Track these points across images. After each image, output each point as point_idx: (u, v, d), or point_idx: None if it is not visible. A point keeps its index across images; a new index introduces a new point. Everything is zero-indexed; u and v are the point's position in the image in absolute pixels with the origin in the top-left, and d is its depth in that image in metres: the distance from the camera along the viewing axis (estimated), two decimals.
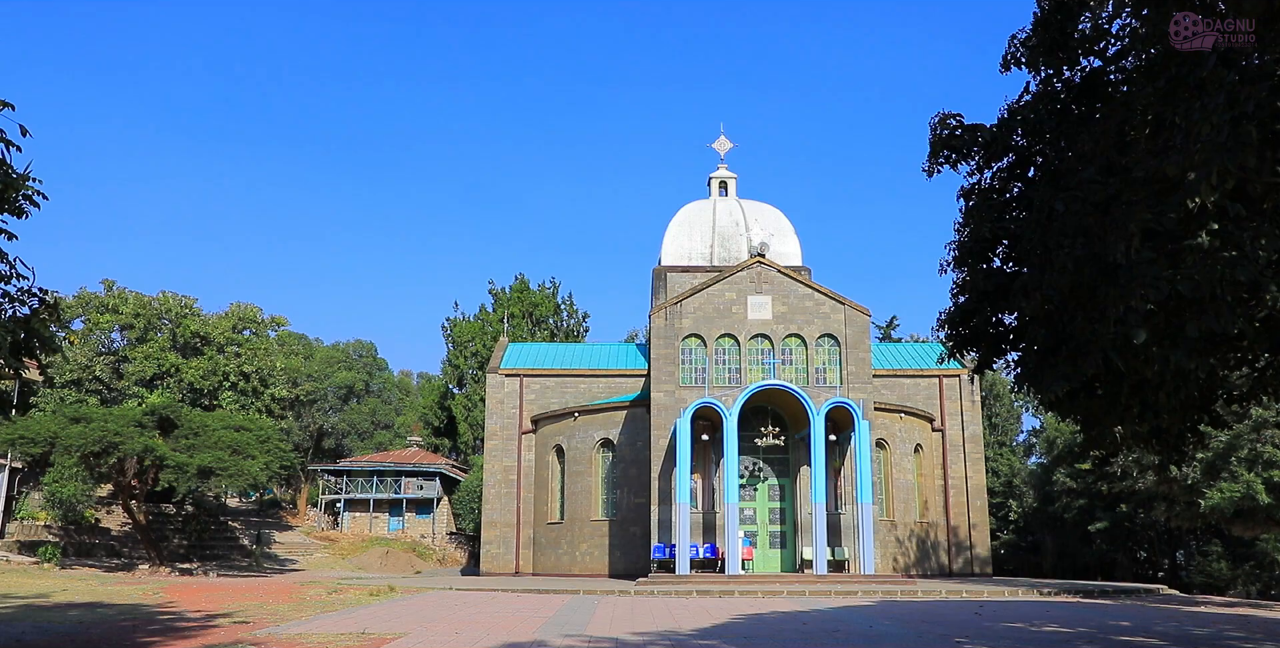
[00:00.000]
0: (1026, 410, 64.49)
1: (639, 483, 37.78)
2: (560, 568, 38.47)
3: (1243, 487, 22.57)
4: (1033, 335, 9.78)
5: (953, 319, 10.94)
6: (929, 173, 11.05)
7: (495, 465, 41.79)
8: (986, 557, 41.16)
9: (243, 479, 38.89)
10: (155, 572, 38.34)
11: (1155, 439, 12.51)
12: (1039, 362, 9.85)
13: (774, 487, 33.53)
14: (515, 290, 67.56)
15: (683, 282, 43.87)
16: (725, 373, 33.75)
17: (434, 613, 19.60)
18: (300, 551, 53.25)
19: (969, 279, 10.69)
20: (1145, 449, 12.40)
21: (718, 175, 48.56)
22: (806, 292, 34.28)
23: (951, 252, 11.04)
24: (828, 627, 17.63)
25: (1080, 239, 8.59)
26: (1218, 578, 40.42)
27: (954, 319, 10.92)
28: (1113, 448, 14.29)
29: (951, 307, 11.06)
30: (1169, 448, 12.50)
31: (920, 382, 42.89)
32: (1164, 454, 12.26)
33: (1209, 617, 21.22)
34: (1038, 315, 9.37)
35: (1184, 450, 12.55)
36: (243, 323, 57.61)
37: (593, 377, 43.09)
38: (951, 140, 10.64)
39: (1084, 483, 48.28)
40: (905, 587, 28.14)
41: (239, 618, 18.70)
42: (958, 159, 10.85)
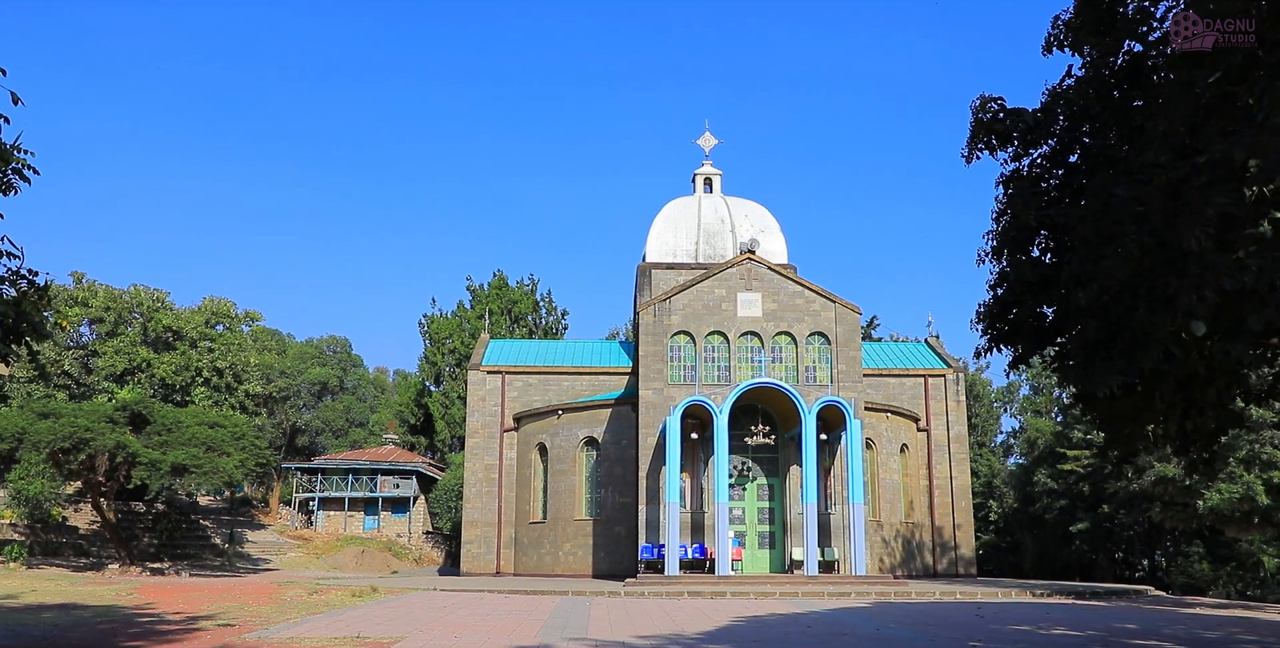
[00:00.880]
0: (1005, 412, 64.65)
1: (624, 482, 37.25)
2: (543, 568, 37.87)
3: (1242, 488, 22.41)
4: (1083, 328, 9.36)
5: (991, 312, 10.51)
6: (968, 159, 10.61)
7: (476, 464, 41.10)
8: (971, 557, 41.04)
9: (218, 477, 37.93)
10: (126, 572, 37.33)
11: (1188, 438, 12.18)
12: (1087, 355, 9.44)
13: (763, 486, 33.12)
14: (494, 287, 66.84)
15: (667, 279, 43.38)
16: (714, 371, 33.29)
17: (425, 615, 18.98)
18: (273, 550, 52.25)
19: (1010, 270, 10.24)
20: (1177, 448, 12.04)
21: (703, 172, 48.08)
22: (797, 289, 33.91)
23: (990, 242, 10.61)
24: (834, 630, 17.20)
25: (1146, 225, 8.17)
26: (1199, 579, 40.49)
27: (992, 312, 10.49)
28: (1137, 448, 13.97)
29: (990, 299, 10.62)
30: (1202, 447, 12.17)
31: (905, 381, 42.70)
32: (1197, 453, 11.91)
33: (1211, 619, 21.01)
34: (1091, 306, 8.95)
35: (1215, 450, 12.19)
36: (216, 317, 56.43)
37: (576, 374, 42.51)
38: (995, 125, 10.20)
39: (1065, 484, 48.31)
40: (897, 588, 27.82)
41: (223, 621, 17.99)
42: (998, 145, 10.41)
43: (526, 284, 68.21)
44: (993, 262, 10.67)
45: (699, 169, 48.25)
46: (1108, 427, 13.00)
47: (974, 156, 10.61)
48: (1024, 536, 54.34)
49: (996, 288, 10.52)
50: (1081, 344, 9.42)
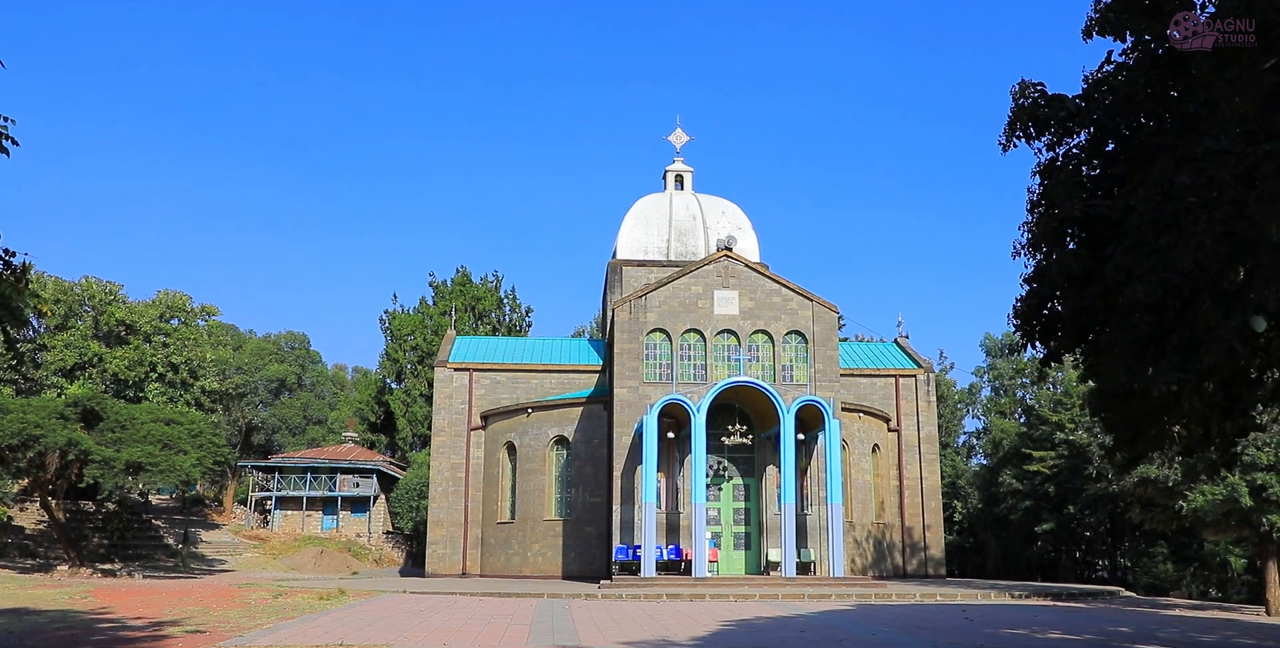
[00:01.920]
0: (968, 414, 64.94)
1: (595, 482, 36.63)
2: (510, 569, 37.11)
3: (1226, 489, 22.38)
4: (1133, 322, 8.95)
5: (1028, 307, 10.08)
6: (1005, 147, 10.18)
7: (443, 463, 40.22)
8: (940, 558, 40.97)
9: (174, 476, 36.71)
10: (75, 573, 35.98)
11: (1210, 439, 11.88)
12: (1137, 352, 9.03)
13: (739, 487, 32.67)
14: (457, 283, 65.79)
15: (639, 276, 42.85)
16: (691, 369, 32.77)
17: (404, 620, 18.23)
18: (229, 550, 50.87)
19: (1052, 263, 9.80)
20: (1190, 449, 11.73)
21: (674, 169, 47.62)
22: (774, 287, 33.51)
23: (1025, 234, 10.18)
24: (828, 635, 16.76)
25: (1216, 214, 7.77)
26: (1163, 579, 40.82)
27: (1029, 307, 10.06)
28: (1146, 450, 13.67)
29: (1025, 293, 10.19)
30: (1222, 447, 11.87)
31: (876, 381, 42.52)
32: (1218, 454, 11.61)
33: (1199, 622, 20.92)
34: (1149, 301, 8.54)
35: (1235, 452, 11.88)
36: (171, 311, 54.92)
37: (545, 372, 41.77)
38: (1036, 111, 9.77)
39: (1030, 485, 48.54)
40: (877, 590, 27.53)
41: (190, 626, 17.12)
42: (1037, 132, 9.99)
43: (491, 281, 67.26)
44: (1028, 255, 10.26)
45: (670, 165, 47.77)
46: (1122, 428, 12.68)
47: (1011, 144, 10.18)
48: (988, 536, 54.59)
49: (1034, 282, 10.11)
50: (1132, 340, 9.02)
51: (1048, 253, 9.88)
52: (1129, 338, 8.98)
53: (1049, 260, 9.80)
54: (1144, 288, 8.39)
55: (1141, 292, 8.37)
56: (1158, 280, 8.32)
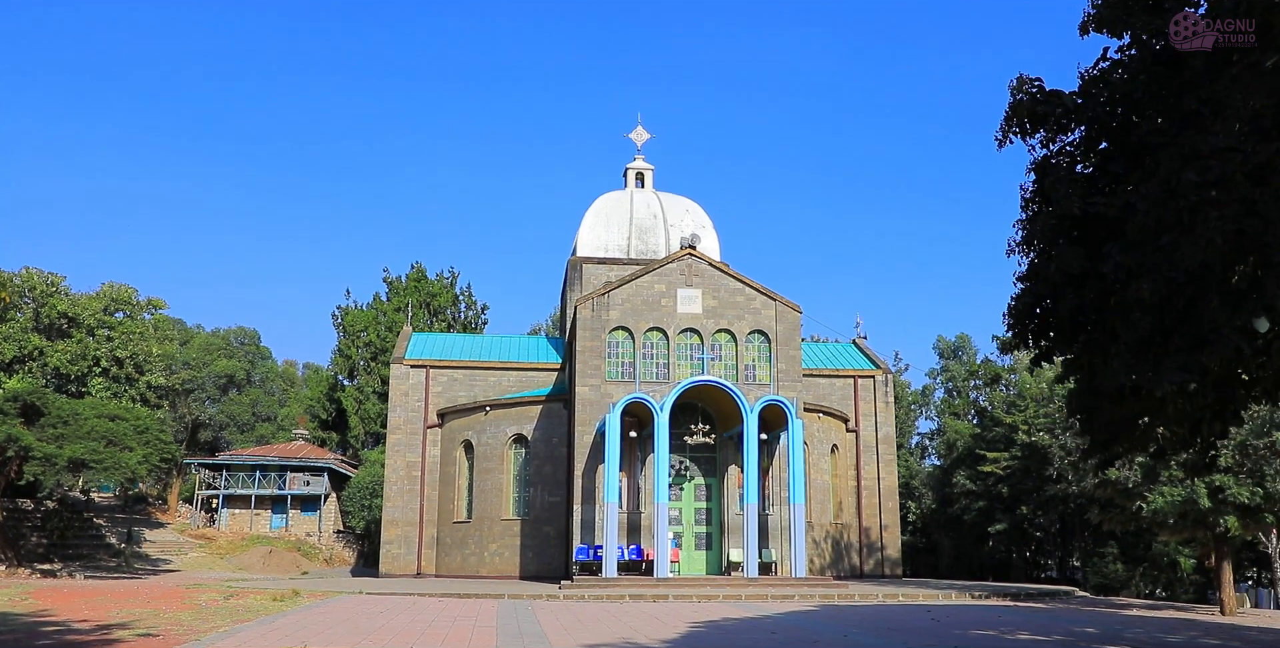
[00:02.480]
0: (922, 415, 65.47)
1: (554, 481, 36.22)
2: (467, 569, 36.54)
3: (1186, 491, 22.61)
4: (1134, 322, 8.82)
5: (1021, 306, 9.93)
6: (1000, 143, 10.03)
7: (398, 461, 39.52)
8: (897, 558, 41.16)
9: (119, 473, 35.66)
10: (13, 574, 34.76)
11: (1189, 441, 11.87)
12: (1137, 352, 8.91)
13: (700, 487, 32.45)
14: (412, 279, 64.88)
15: (599, 274, 42.48)
16: (653, 368, 32.48)
17: (365, 622, 17.72)
18: (174, 550, 49.65)
19: (1051, 261, 9.65)
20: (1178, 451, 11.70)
21: (635, 166, 47.30)
22: (738, 286, 33.35)
23: (1020, 232, 10.04)
24: (800, 637, 16.57)
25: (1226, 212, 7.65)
26: (1113, 579, 41.33)
27: (1023, 307, 9.91)
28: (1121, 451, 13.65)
29: (1020, 292, 10.04)
30: (1204, 449, 11.86)
31: (835, 382, 42.61)
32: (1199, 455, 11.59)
33: (1161, 622, 21.11)
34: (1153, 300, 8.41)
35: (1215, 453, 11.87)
36: (116, 304, 53.33)
37: (503, 370, 41.26)
38: (1035, 106, 9.62)
39: (984, 485, 48.97)
40: (840, 590, 27.48)
41: (140, 630, 16.44)
42: (1033, 128, 9.84)
43: (446, 277, 66.45)
44: (1021, 253, 10.12)
45: (631, 163, 47.44)
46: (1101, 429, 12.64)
47: (1007, 140, 10.04)
48: (941, 536, 55.01)
49: (1029, 280, 9.97)
50: (1134, 340, 8.90)
51: (1044, 251, 9.75)
52: (1130, 337, 8.87)
53: (1046, 258, 9.67)
54: (1149, 286, 8.27)
55: (1147, 290, 8.25)
56: (1163, 278, 8.21)
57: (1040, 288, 9.79)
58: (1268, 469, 22.85)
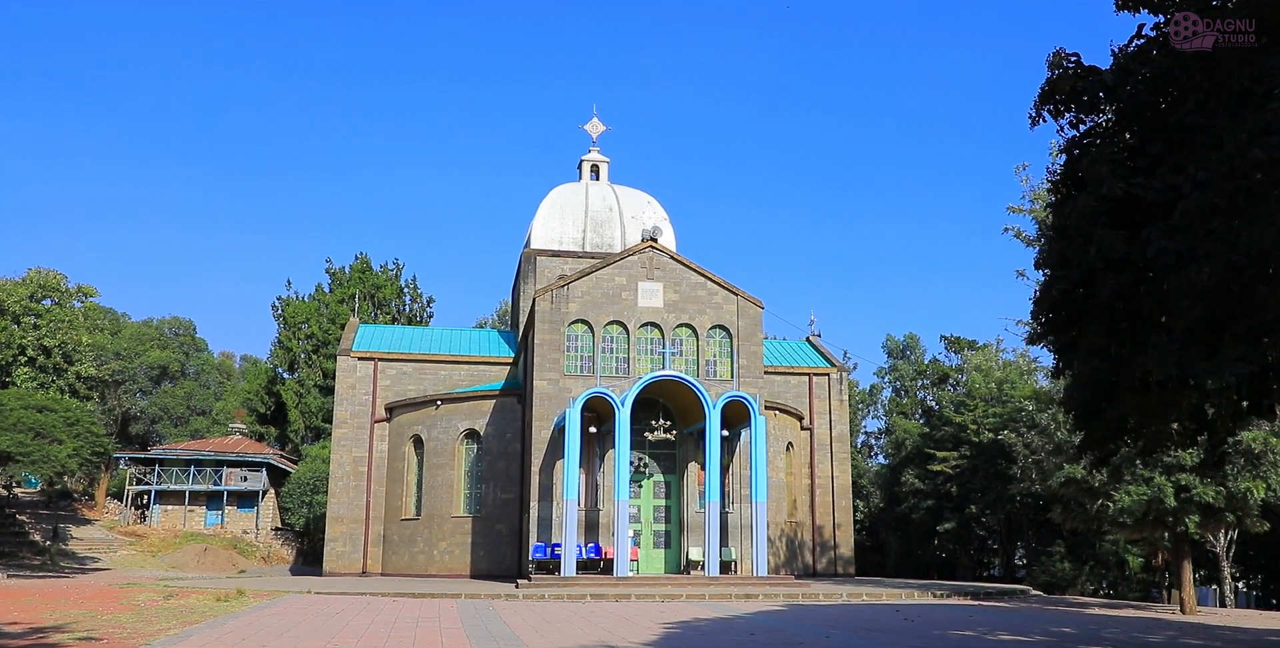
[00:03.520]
0: (869, 415, 65.68)
1: (507, 477, 35.36)
2: (415, 568, 35.48)
3: (1152, 490, 22.61)
4: (1185, 310, 8.39)
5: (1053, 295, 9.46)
6: (1034, 121, 9.57)
7: (344, 456, 38.28)
8: (850, 557, 41.04)
9: (48, 466, 34.02)
10: None
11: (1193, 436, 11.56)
12: (1184, 341, 8.49)
13: (659, 484, 31.84)
14: (356, 270, 63.31)
15: (553, 266, 41.72)
16: (613, 362, 31.77)
17: (324, 624, 16.76)
18: (103, 548, 47.68)
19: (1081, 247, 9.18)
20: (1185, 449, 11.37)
21: (590, 158, 46.61)
22: (699, 280, 32.80)
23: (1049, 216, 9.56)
24: (781, 638, 16.03)
25: None
26: (1060, 578, 41.65)
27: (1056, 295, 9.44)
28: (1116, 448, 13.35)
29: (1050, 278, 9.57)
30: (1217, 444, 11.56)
31: (790, 379, 42.36)
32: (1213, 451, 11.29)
33: (1129, 621, 21.04)
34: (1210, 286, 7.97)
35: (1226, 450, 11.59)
36: (44, 291, 51.13)
37: (454, 363, 40.26)
38: (1076, 82, 9.17)
39: (933, 484, 49.14)
40: (803, 590, 27.07)
41: (80, 633, 15.30)
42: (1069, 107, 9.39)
43: (391, 269, 64.98)
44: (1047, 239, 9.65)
45: (586, 155, 46.74)
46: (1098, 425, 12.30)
47: (1040, 119, 9.60)
48: (889, 535, 55.16)
49: (1062, 266, 9.50)
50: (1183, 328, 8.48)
51: (1081, 236, 9.29)
52: (1180, 325, 8.46)
53: (1084, 242, 9.21)
54: (1209, 270, 7.86)
55: (1206, 274, 7.84)
56: (1222, 263, 7.81)
57: (1076, 275, 9.34)
58: (1229, 469, 22.96)
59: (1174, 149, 8.99)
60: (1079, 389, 12.58)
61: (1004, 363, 52.50)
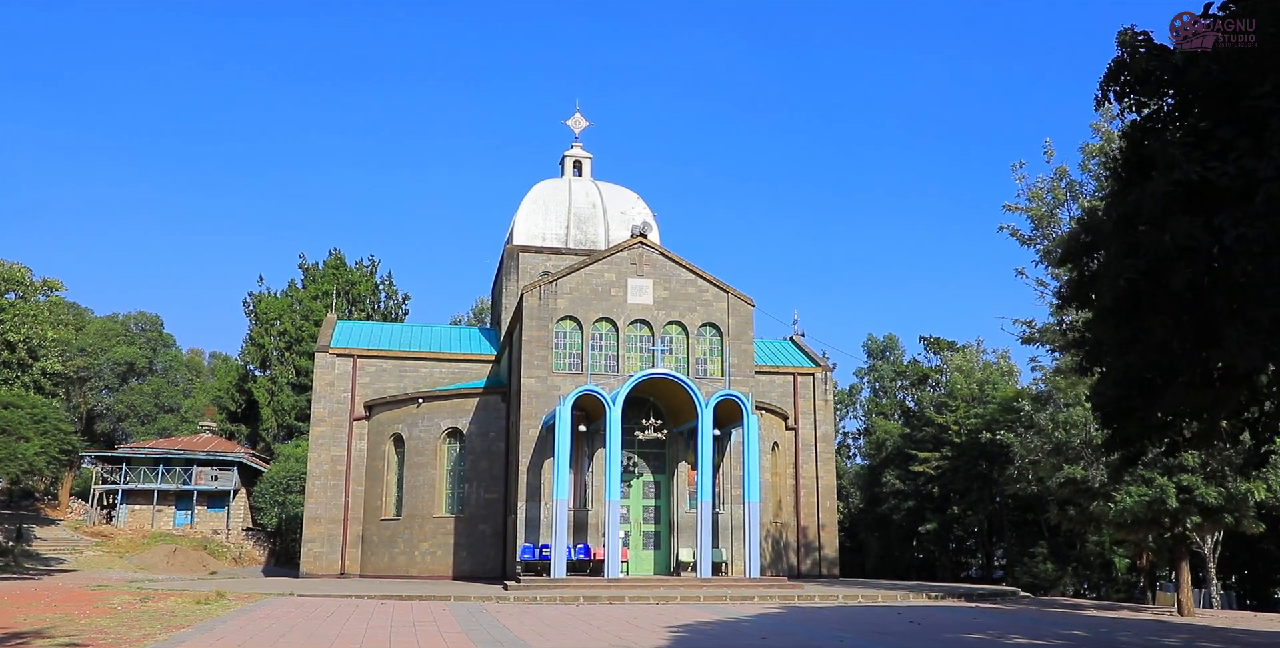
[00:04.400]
0: (848, 415, 65.54)
1: (490, 477, 34.69)
2: (395, 569, 34.69)
3: (1155, 491, 22.43)
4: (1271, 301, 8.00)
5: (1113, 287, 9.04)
6: (1100, 102, 9.19)
7: (322, 455, 37.41)
8: (834, 557, 40.72)
9: (15, 464, 32.88)
10: None
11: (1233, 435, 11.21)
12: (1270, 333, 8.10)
13: (649, 484, 31.29)
14: (330, 266, 62.26)
15: (536, 262, 41.11)
16: (602, 360, 31.19)
17: (319, 629, 16.07)
18: (68, 548, 46.40)
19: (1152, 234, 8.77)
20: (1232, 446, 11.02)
21: (573, 154, 46.01)
22: (690, 277, 32.31)
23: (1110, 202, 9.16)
24: (795, 643, 15.55)
25: None
26: (1043, 579, 41.67)
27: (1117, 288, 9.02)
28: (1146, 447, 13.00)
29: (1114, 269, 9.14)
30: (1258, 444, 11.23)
31: (775, 379, 41.99)
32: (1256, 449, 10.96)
33: (1138, 624, 20.81)
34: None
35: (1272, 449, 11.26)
36: (7, 284, 49.58)
37: (435, 361, 39.51)
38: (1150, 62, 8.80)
39: (914, 485, 49.04)
40: (798, 591, 26.66)
41: (61, 639, 14.51)
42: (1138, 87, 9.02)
43: (366, 265, 63.97)
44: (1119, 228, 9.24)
45: (569, 151, 46.13)
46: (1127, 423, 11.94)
47: (1106, 100, 9.25)
48: (869, 536, 55.02)
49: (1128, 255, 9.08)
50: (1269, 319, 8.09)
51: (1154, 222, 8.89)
52: (1265, 316, 8.08)
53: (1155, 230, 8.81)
54: None
55: None
56: None
57: (1142, 263, 8.95)
58: (1229, 471, 22.83)
59: (1246, 134, 8.66)
60: (1111, 386, 12.20)
61: (985, 364, 52.55)
